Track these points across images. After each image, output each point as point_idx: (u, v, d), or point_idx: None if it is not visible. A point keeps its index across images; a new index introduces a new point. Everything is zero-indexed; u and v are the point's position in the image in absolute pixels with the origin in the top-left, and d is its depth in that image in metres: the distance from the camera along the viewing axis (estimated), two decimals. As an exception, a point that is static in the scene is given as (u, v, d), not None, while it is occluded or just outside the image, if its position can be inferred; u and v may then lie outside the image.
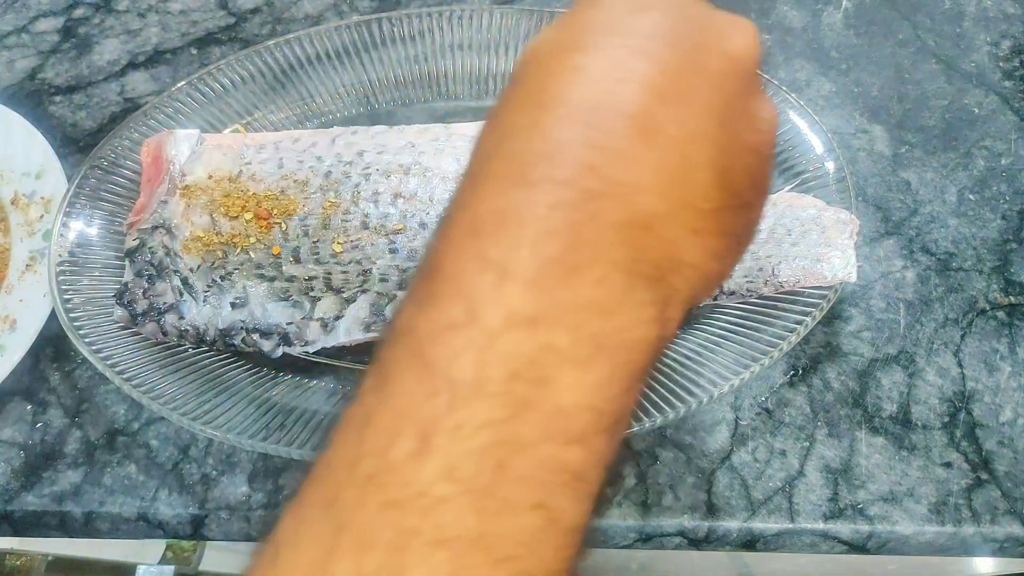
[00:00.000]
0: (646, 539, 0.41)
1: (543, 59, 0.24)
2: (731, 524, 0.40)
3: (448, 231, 0.22)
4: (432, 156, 0.46)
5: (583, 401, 0.20)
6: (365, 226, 0.43)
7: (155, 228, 0.44)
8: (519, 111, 0.23)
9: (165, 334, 0.42)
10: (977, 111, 0.55)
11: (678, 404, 0.39)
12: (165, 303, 0.42)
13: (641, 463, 0.42)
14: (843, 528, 0.40)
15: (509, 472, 0.19)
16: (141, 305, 0.42)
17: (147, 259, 0.43)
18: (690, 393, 0.40)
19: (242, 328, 0.42)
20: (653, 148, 0.22)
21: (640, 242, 0.22)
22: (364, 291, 0.42)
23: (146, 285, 0.43)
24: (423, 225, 0.43)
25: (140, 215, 0.45)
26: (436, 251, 0.22)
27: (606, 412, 0.21)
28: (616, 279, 0.21)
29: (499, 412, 0.20)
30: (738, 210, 0.24)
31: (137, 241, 0.44)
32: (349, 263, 0.43)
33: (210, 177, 0.46)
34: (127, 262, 0.44)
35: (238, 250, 0.43)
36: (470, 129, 0.48)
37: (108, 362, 0.41)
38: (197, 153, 0.47)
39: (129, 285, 0.43)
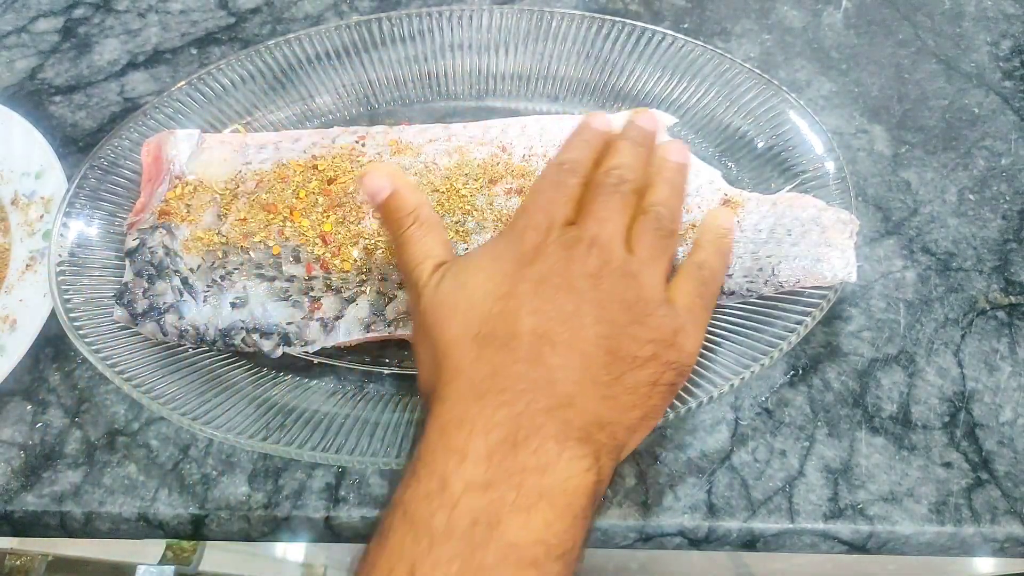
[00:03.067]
0: (646, 539, 0.41)
1: (477, 303, 0.34)
2: (731, 524, 0.40)
3: (426, 434, 0.31)
4: (431, 155, 0.46)
5: (532, 537, 0.28)
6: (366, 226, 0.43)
7: (155, 228, 0.44)
8: (466, 348, 0.33)
9: (165, 334, 0.42)
10: (977, 111, 0.55)
11: (678, 404, 0.39)
12: (165, 303, 0.42)
13: (641, 463, 0.42)
14: (843, 528, 0.40)
15: None
16: (141, 305, 0.42)
17: (147, 259, 0.43)
18: (690, 393, 0.40)
19: (242, 328, 0.42)
20: (556, 353, 0.32)
21: (565, 416, 0.31)
22: (363, 291, 0.42)
23: (146, 285, 0.42)
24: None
25: (140, 215, 0.45)
26: (418, 447, 0.31)
27: (554, 544, 0.29)
28: (550, 446, 0.30)
29: (465, 548, 0.28)
30: (637, 370, 0.33)
31: (137, 241, 0.44)
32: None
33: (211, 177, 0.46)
34: (127, 262, 0.44)
35: (238, 249, 0.43)
36: (470, 129, 0.48)
37: (108, 362, 0.41)
38: (197, 153, 0.47)
39: (129, 285, 0.43)
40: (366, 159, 0.46)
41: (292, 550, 0.72)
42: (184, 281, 0.43)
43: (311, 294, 0.42)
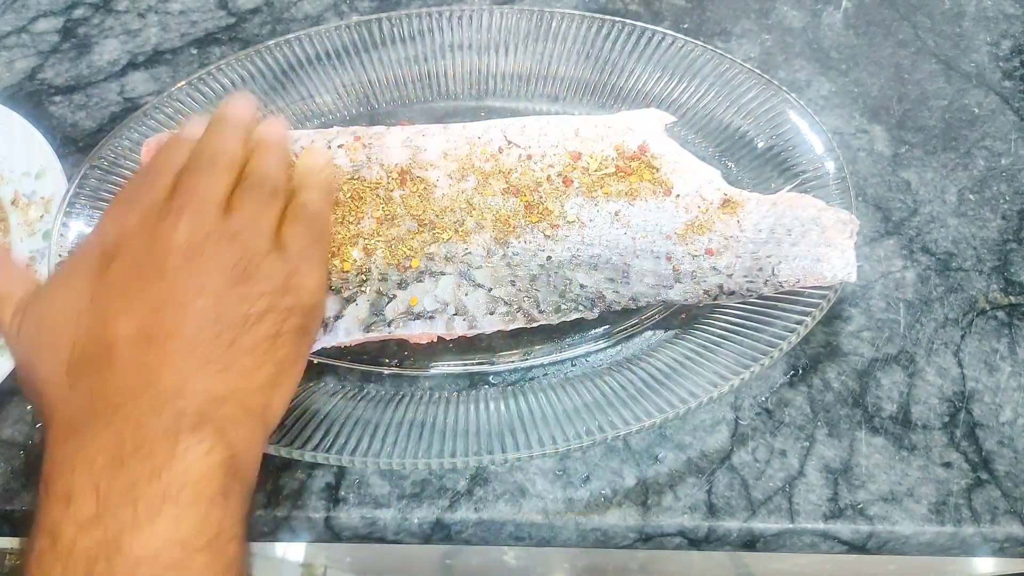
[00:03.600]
0: (646, 539, 0.41)
1: (58, 330, 0.31)
2: (731, 524, 0.40)
3: (38, 492, 0.29)
4: (431, 156, 0.46)
5: (161, 543, 0.27)
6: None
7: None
8: (55, 382, 0.30)
9: (165, 334, 0.42)
10: (977, 111, 0.55)
11: (678, 404, 0.39)
12: (165, 303, 0.42)
13: (641, 463, 0.42)
14: (843, 528, 0.40)
15: None
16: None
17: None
18: (690, 393, 0.40)
19: (242, 328, 0.42)
20: (154, 348, 0.30)
21: (174, 410, 0.29)
22: (363, 291, 0.42)
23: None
24: (421, 224, 0.43)
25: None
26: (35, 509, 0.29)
27: (193, 537, 0.27)
28: (160, 447, 0.28)
29: None
30: (253, 328, 0.31)
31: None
32: (349, 263, 0.43)
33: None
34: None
35: (238, 250, 0.43)
36: (469, 129, 0.48)
37: (108, 362, 0.41)
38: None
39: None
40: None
41: (292, 550, 0.72)
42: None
43: (311, 294, 0.42)
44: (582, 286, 0.43)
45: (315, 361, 0.44)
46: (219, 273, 0.31)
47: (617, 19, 0.52)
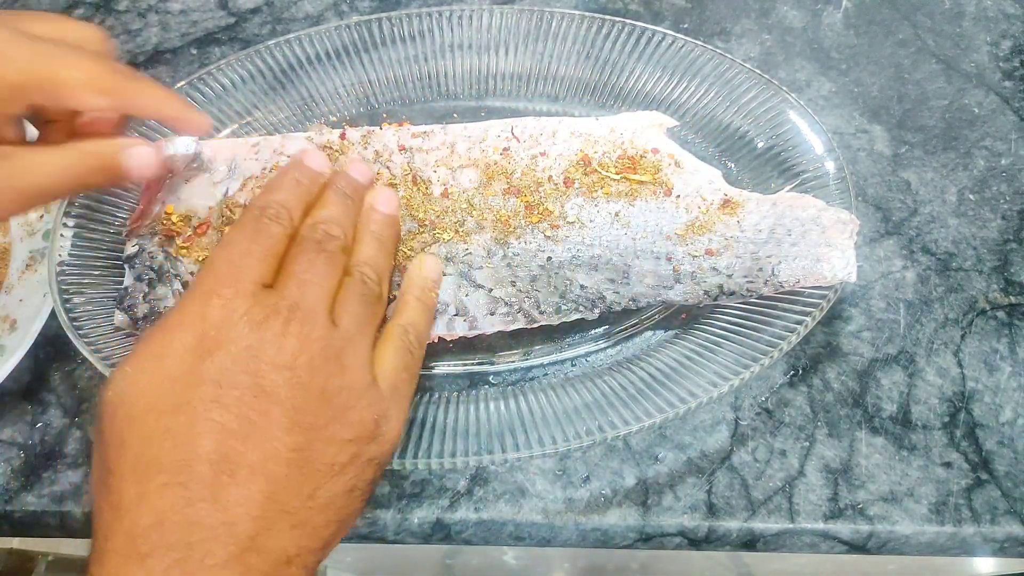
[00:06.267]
0: (646, 539, 0.41)
1: (138, 422, 0.28)
2: (731, 524, 0.40)
3: None
4: (431, 156, 0.46)
5: None
6: (365, 226, 0.43)
7: (155, 233, 0.44)
8: (127, 482, 0.27)
9: (165, 334, 0.42)
10: (977, 111, 0.55)
11: (678, 404, 0.39)
12: (166, 307, 0.42)
13: (641, 463, 0.42)
14: (843, 528, 0.40)
15: None
16: (142, 309, 0.42)
17: (147, 264, 0.43)
18: (690, 393, 0.40)
19: (242, 328, 0.42)
20: (237, 483, 0.27)
21: (246, 564, 0.26)
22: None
23: (146, 289, 0.42)
24: (421, 224, 0.43)
25: (139, 222, 0.45)
26: None
27: None
28: None
29: None
30: (334, 480, 0.29)
31: (136, 247, 0.44)
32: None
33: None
34: (127, 268, 0.43)
35: (238, 250, 0.43)
36: (469, 130, 0.48)
37: (108, 362, 0.41)
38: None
39: (129, 290, 0.43)
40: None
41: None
42: (185, 285, 0.43)
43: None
44: (582, 287, 0.43)
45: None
46: (316, 404, 0.28)
47: (617, 19, 0.52)
